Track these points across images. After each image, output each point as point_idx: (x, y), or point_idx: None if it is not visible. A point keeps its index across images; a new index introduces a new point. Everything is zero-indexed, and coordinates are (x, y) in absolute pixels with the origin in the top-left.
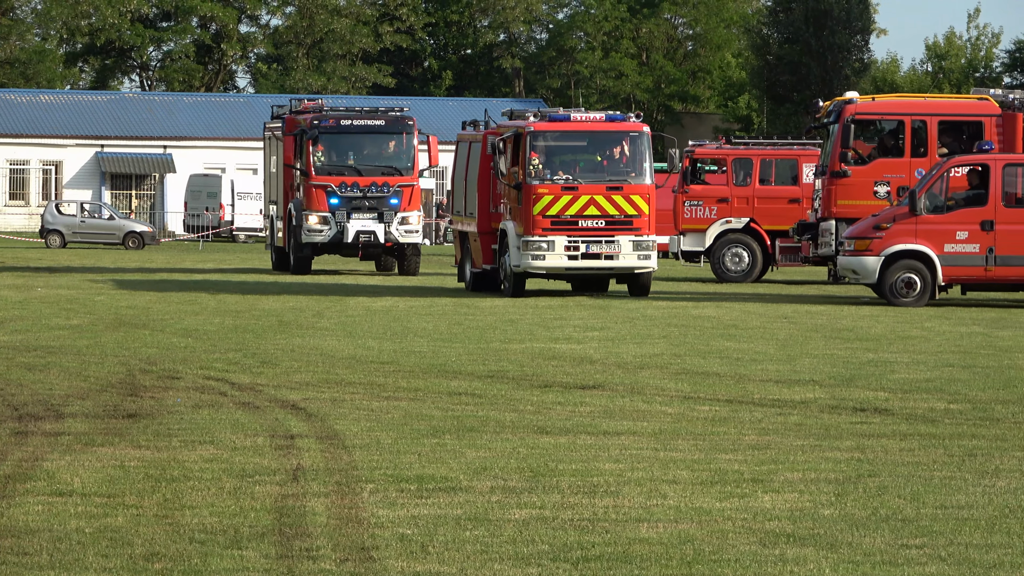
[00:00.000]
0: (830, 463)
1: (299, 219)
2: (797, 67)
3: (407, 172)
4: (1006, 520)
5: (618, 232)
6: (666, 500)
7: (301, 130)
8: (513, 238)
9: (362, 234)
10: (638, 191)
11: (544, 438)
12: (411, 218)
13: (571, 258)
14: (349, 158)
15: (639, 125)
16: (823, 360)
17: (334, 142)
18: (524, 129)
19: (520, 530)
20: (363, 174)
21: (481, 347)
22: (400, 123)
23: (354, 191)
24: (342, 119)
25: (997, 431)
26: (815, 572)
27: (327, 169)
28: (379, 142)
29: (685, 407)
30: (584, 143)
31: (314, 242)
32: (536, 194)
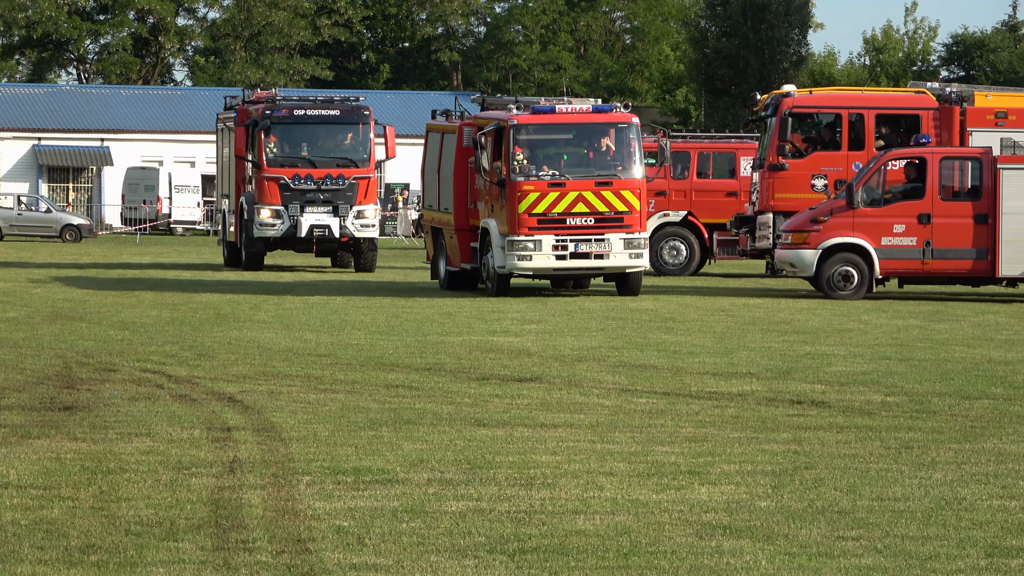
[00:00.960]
0: (767, 455)
1: (251, 213)
2: (735, 60)
3: (363, 164)
4: (942, 512)
5: (608, 230)
6: (603, 492)
7: (253, 120)
8: (497, 237)
9: (316, 228)
10: (628, 186)
11: (481, 430)
12: (367, 211)
13: (559, 258)
14: (303, 149)
15: (628, 116)
16: (760, 353)
17: (287, 133)
18: (507, 122)
19: (457, 522)
20: (317, 166)
21: (419, 340)
22: (356, 113)
23: (308, 183)
24: (295, 109)
25: (933, 423)
26: (751, 564)
27: (280, 161)
28: (334, 133)
29: (622, 400)
30: (570, 136)
31: (266, 236)
32: (521, 191)
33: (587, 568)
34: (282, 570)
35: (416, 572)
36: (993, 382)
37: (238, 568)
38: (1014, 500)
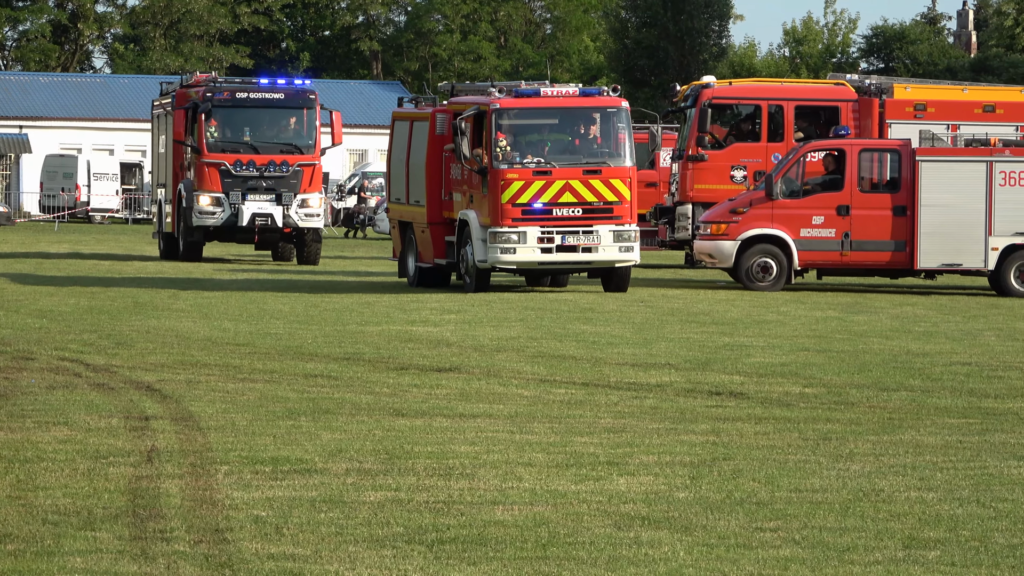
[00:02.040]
0: (685, 446)
1: (189, 200)
2: (655, 51)
3: (308, 150)
4: (860, 504)
5: (597, 221)
6: (521, 483)
7: (193, 104)
8: (477, 230)
9: (258, 217)
10: (618, 174)
11: (400, 420)
12: (312, 200)
13: (544, 251)
14: (245, 134)
15: (617, 100)
16: (679, 344)
17: (229, 117)
18: (488, 106)
19: (375, 512)
20: (260, 151)
21: (337, 329)
22: (301, 97)
23: (250, 170)
24: (238, 92)
25: (851, 415)
26: (670, 555)
27: (221, 146)
28: (278, 117)
29: (541, 390)
30: (555, 121)
31: (205, 225)
32: (504, 180)
33: (505, 559)
34: (200, 560)
35: (334, 562)
36: (911, 374)
37: (156, 558)
38: (931, 492)
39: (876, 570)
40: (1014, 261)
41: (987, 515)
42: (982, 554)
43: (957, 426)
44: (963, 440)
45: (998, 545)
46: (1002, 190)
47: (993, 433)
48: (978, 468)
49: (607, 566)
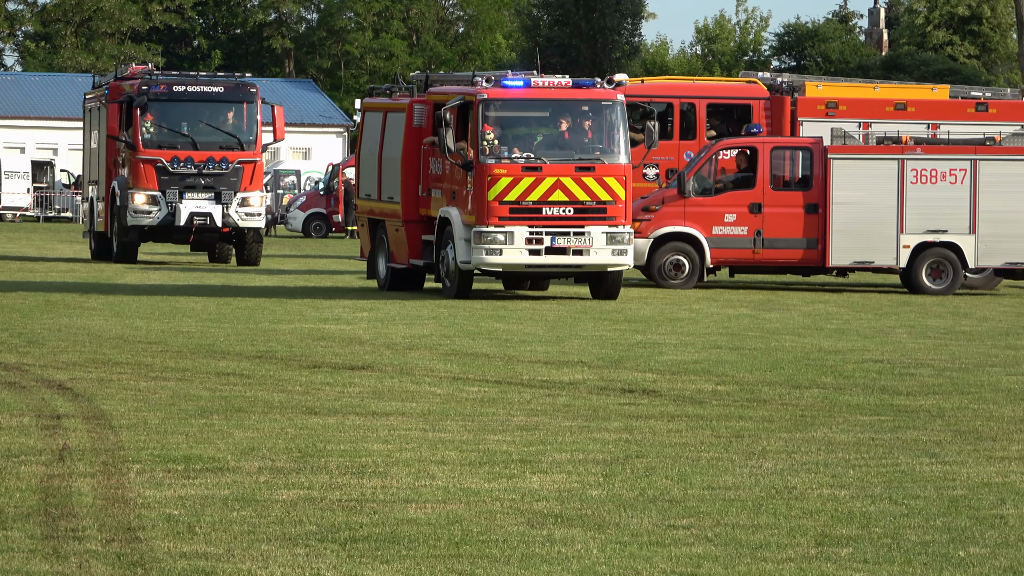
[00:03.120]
0: (598, 444)
1: (124, 199)
2: (567, 49)
3: (249, 146)
4: (772, 501)
5: (589, 222)
6: (434, 481)
7: (128, 97)
8: (460, 229)
9: (196, 216)
10: (612, 172)
11: (312, 419)
12: (252, 199)
13: (533, 253)
14: (183, 129)
15: (612, 92)
16: (592, 341)
17: (166, 111)
18: (475, 96)
19: (288, 511)
20: (199, 147)
21: (250, 327)
22: (242, 90)
23: (188, 167)
24: (175, 84)
25: (764, 412)
26: (583, 552)
27: (157, 142)
28: (217, 111)
29: (454, 388)
30: (547, 113)
31: (141, 225)
32: (491, 175)
33: (418, 556)
34: (112, 559)
35: (247, 561)
36: (823, 371)
37: (68, 557)
38: (844, 489)
39: (789, 567)
40: (925, 259)
41: (899, 512)
42: (894, 551)
43: (869, 423)
44: (875, 437)
45: (910, 542)
46: (913, 188)
47: (905, 430)
48: (890, 465)
49: (520, 564)
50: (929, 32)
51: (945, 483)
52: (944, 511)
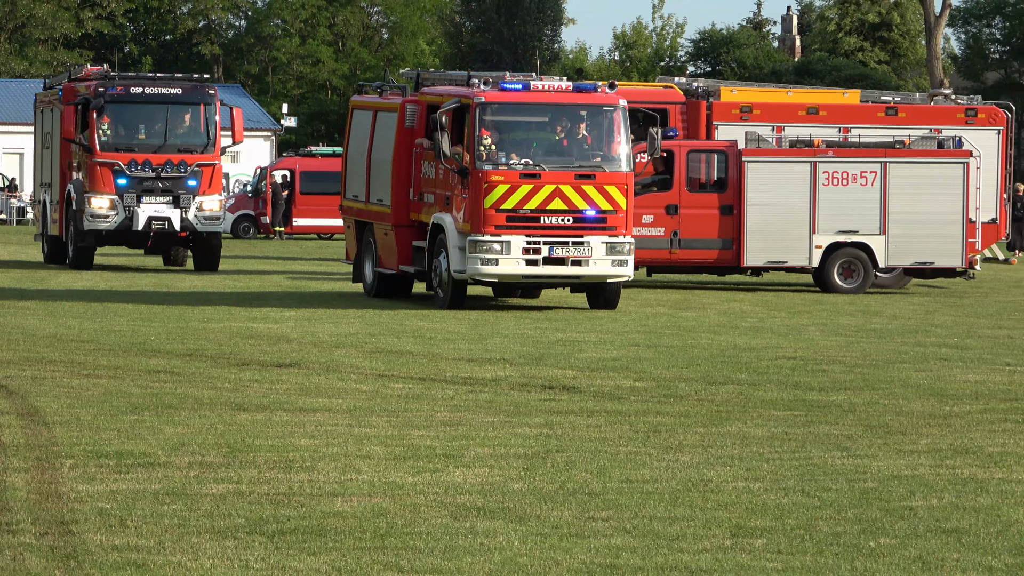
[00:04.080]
0: (519, 439)
1: (80, 203)
2: (489, 55)
3: (208, 149)
4: (689, 494)
5: (588, 232)
6: (360, 475)
7: (84, 99)
8: (454, 236)
9: (155, 221)
10: (613, 180)
11: (241, 415)
12: (211, 203)
13: (530, 263)
14: (140, 132)
15: (614, 97)
16: (513, 339)
17: (123, 113)
18: (472, 99)
19: (217, 504)
20: (157, 151)
21: (180, 326)
22: (200, 92)
23: (146, 170)
24: (132, 86)
25: (680, 408)
26: (504, 544)
27: (114, 145)
28: (176, 114)
29: (379, 385)
30: (546, 118)
31: (98, 229)
32: (488, 182)
33: (344, 548)
34: (45, 551)
35: (177, 553)
36: (738, 368)
37: (2, 549)
38: (758, 482)
39: (704, 558)
40: (837, 258)
41: (811, 504)
42: (807, 542)
43: (783, 418)
44: (788, 432)
45: (822, 533)
46: (825, 189)
47: (817, 425)
48: (803, 459)
49: (444, 555)
50: (840, 38)
51: (856, 476)
52: (855, 503)
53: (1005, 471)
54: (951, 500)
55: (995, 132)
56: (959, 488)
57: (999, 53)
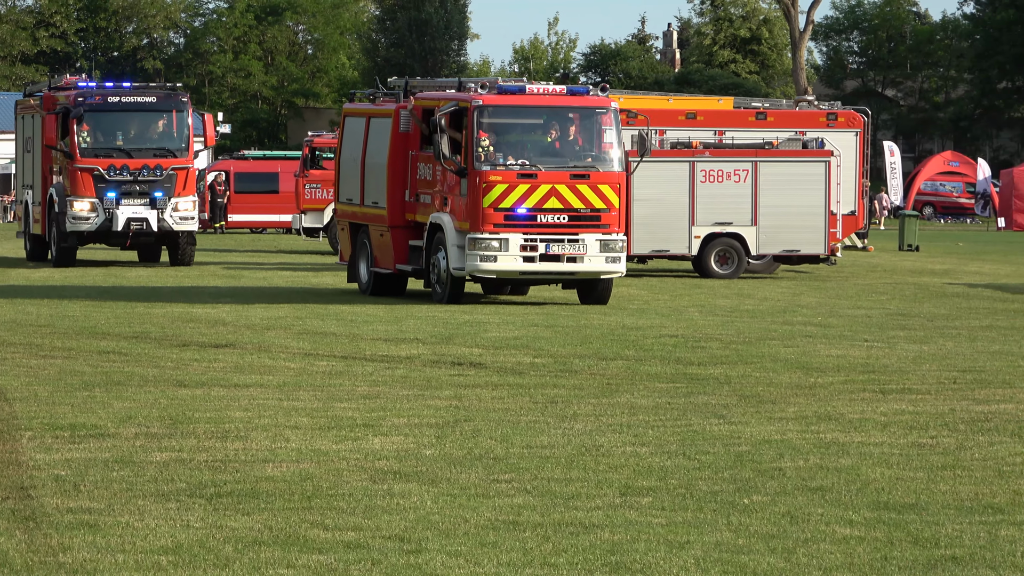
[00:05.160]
0: (431, 410)
1: (62, 206)
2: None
3: (181, 153)
4: (583, 457)
5: (583, 229)
6: (289, 443)
7: (64, 108)
8: (453, 235)
9: (133, 222)
10: (607, 180)
11: (182, 390)
12: (186, 204)
13: (527, 260)
14: (118, 138)
15: (606, 100)
16: (426, 321)
17: (101, 121)
18: (470, 103)
19: (161, 470)
20: (133, 156)
21: (127, 311)
22: (173, 100)
23: (124, 174)
24: (110, 96)
25: (575, 381)
26: (418, 504)
27: (94, 151)
28: (151, 120)
29: (306, 362)
30: (540, 120)
31: (80, 231)
32: (487, 182)
33: (275, 509)
34: (7, 514)
35: (126, 514)
36: (626, 345)
37: None
38: (644, 447)
39: (597, 515)
40: (714, 247)
41: (692, 466)
42: (688, 500)
43: (666, 390)
44: (671, 402)
45: (701, 492)
46: (703, 186)
47: (697, 395)
48: (684, 426)
49: (364, 514)
50: (716, 51)
51: (731, 440)
52: (731, 465)
53: (864, 435)
54: (816, 461)
55: (853, 134)
56: (823, 451)
57: (856, 64)
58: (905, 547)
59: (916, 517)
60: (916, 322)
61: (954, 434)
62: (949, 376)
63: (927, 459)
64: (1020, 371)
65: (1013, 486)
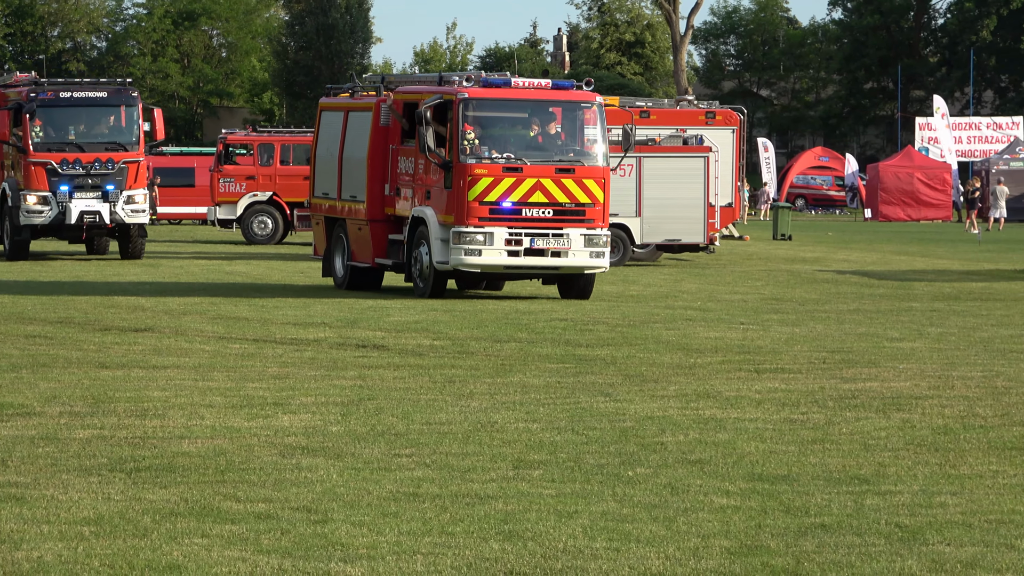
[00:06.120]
0: (337, 389)
1: (16, 200)
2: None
3: (132, 147)
4: (478, 433)
5: (568, 224)
6: (204, 421)
7: (17, 103)
8: (436, 229)
9: (86, 215)
10: (592, 175)
11: (104, 372)
12: (137, 196)
13: (511, 254)
14: (70, 133)
15: (591, 94)
16: (332, 306)
17: (54, 116)
18: (455, 95)
19: (84, 447)
20: (85, 150)
21: (52, 298)
22: (123, 95)
23: (76, 168)
24: (61, 91)
25: (471, 362)
26: (324, 477)
27: (47, 145)
28: (102, 115)
29: (220, 345)
30: (525, 114)
31: (33, 224)
32: (472, 175)
33: (191, 482)
34: None
35: (51, 488)
36: (519, 328)
37: None
38: (536, 423)
39: (491, 486)
40: None
41: (580, 441)
42: (576, 472)
43: (556, 370)
44: (561, 381)
45: (589, 464)
46: None
47: (585, 375)
48: (573, 403)
49: (274, 487)
50: (603, 54)
51: (617, 417)
52: (616, 439)
53: (740, 411)
54: (695, 436)
55: (730, 131)
56: (702, 426)
57: (733, 66)
58: (778, 515)
59: (788, 488)
60: (788, 306)
61: (823, 410)
62: (819, 356)
63: (798, 434)
64: (885, 351)
65: (878, 458)
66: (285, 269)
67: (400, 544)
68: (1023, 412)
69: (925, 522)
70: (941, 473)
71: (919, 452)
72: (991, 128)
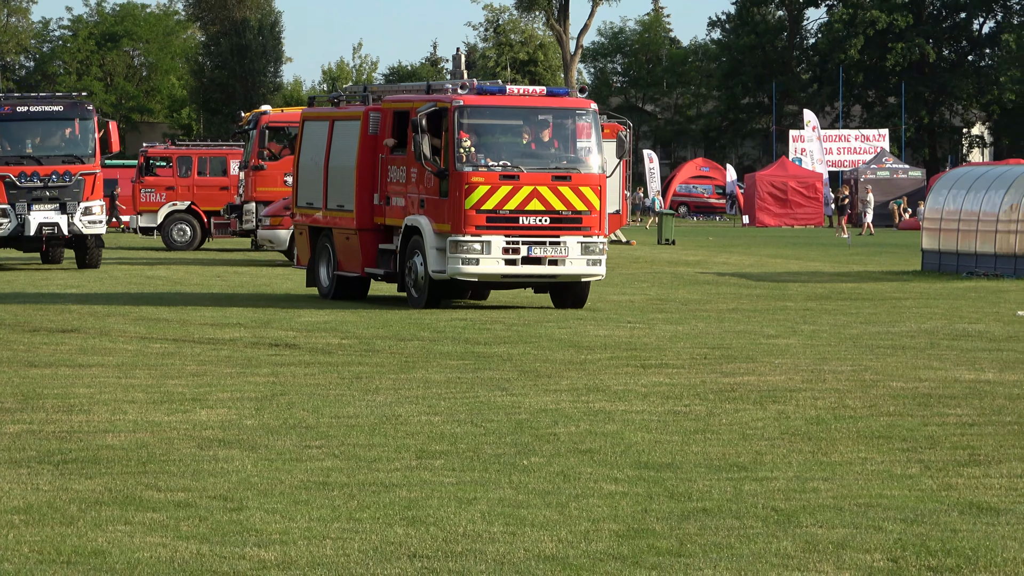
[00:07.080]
0: (252, 385)
1: None
2: (226, 87)
3: (89, 160)
4: (384, 426)
5: (564, 232)
6: (127, 416)
7: None
8: (432, 238)
9: (45, 226)
10: (588, 182)
11: (33, 370)
12: (94, 208)
13: (509, 263)
14: (27, 146)
15: (587, 102)
16: (247, 308)
17: (10, 129)
18: (450, 103)
19: (14, 440)
20: (43, 163)
21: None
22: (79, 108)
23: (34, 181)
24: (18, 105)
25: (378, 359)
26: (240, 468)
27: (5, 159)
28: (58, 128)
29: (142, 345)
30: (520, 122)
31: None
32: (469, 184)
33: (115, 473)
34: None
35: None
36: (422, 328)
37: None
38: (437, 416)
39: (396, 475)
40: None
41: (479, 432)
42: (475, 461)
43: (456, 366)
44: (460, 376)
45: (487, 454)
46: None
47: (483, 371)
48: (472, 397)
49: (193, 477)
50: (498, 72)
51: (513, 410)
52: (512, 431)
53: (627, 404)
54: (586, 427)
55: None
56: (592, 418)
57: (620, 83)
58: (662, 501)
59: (672, 475)
60: (672, 306)
61: (704, 402)
62: (700, 352)
63: (681, 424)
64: (761, 347)
65: (755, 447)
66: (203, 273)
67: (311, 530)
68: (889, 404)
69: (799, 506)
70: (814, 460)
71: (793, 441)
72: (859, 140)
